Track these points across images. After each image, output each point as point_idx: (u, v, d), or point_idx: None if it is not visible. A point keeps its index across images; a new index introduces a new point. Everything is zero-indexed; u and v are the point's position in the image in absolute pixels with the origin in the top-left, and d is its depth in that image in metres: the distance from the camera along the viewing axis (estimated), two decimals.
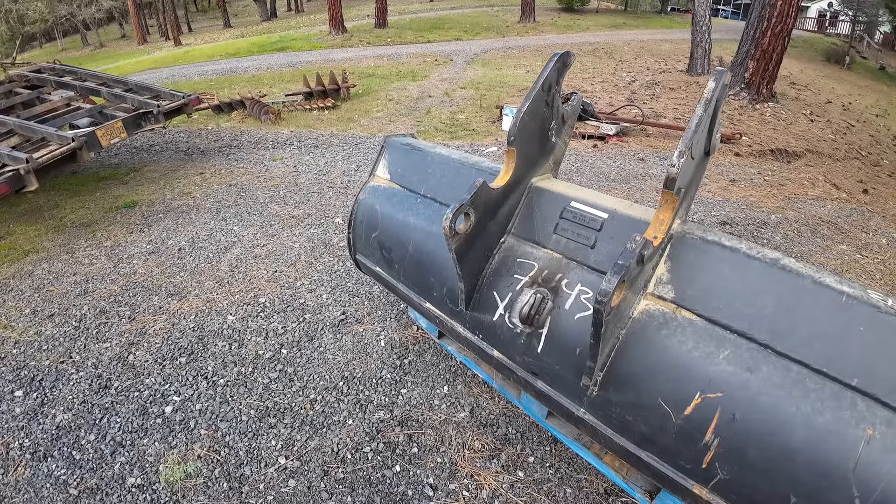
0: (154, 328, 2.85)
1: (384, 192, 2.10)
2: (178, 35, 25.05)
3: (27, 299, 3.22)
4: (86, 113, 5.14)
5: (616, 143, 6.32)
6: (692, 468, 1.16)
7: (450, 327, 1.80)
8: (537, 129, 1.67)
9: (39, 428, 2.21)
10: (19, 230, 4.29)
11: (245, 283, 3.27)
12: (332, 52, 15.25)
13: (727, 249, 1.24)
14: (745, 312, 1.13)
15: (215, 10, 38.11)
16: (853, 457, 0.94)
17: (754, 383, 1.07)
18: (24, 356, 2.68)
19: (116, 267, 3.55)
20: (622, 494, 1.85)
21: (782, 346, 1.07)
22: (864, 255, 3.54)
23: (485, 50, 14.79)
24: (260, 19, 31.04)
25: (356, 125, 7.18)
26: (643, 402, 1.22)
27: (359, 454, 2.04)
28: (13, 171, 3.67)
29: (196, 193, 4.85)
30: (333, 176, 5.15)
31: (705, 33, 10.34)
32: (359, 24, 21.21)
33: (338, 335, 2.74)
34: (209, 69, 13.77)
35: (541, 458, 2.00)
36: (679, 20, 25.84)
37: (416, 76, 10.84)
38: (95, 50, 29.15)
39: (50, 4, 30.18)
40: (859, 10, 23.26)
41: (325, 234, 3.87)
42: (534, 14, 21.49)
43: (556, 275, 1.50)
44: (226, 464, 2.01)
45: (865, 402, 0.96)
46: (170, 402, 2.33)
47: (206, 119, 7.78)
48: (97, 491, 1.92)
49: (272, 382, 2.42)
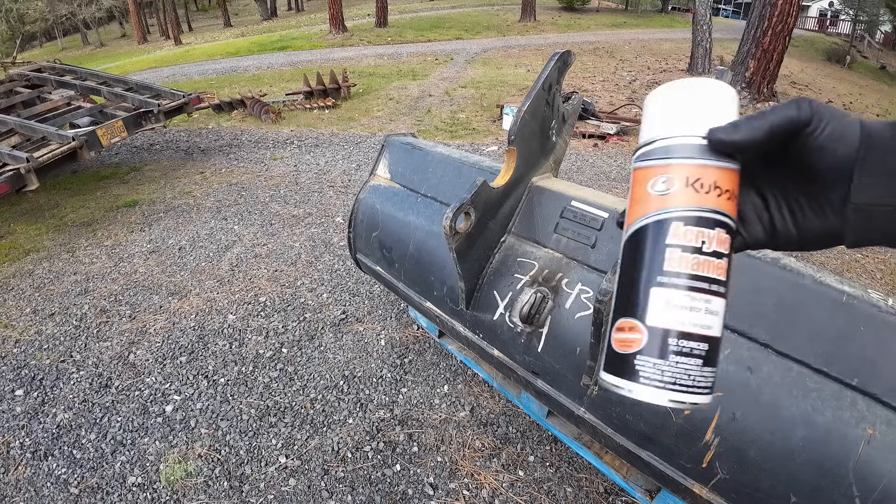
0: (155, 327, 2.85)
1: (385, 191, 2.10)
2: (178, 34, 25.04)
3: (28, 298, 3.22)
4: (86, 112, 5.14)
5: (616, 142, 6.32)
6: (692, 467, 1.16)
7: (450, 326, 1.80)
8: (538, 128, 1.67)
9: (40, 427, 2.22)
10: (20, 229, 4.29)
11: (245, 282, 3.27)
12: (332, 52, 15.25)
13: None
14: (745, 312, 1.13)
15: (215, 10, 38.09)
16: (853, 456, 0.94)
17: (755, 383, 1.07)
18: (25, 355, 2.68)
19: (117, 266, 3.56)
20: (622, 494, 1.85)
21: (783, 345, 1.07)
22: (864, 255, 3.54)
23: (485, 49, 14.78)
24: (260, 18, 31.03)
25: (356, 124, 7.18)
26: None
27: (359, 453, 2.04)
28: (14, 171, 3.68)
29: (196, 192, 4.85)
30: (334, 175, 5.15)
31: (706, 32, 10.33)
32: (359, 23, 21.20)
33: (338, 334, 2.74)
34: (209, 68, 13.77)
35: (541, 458, 2.00)
36: (680, 19, 25.82)
37: (417, 75, 10.84)
38: (96, 49, 29.14)
39: (50, 4, 30.18)
40: (860, 9, 23.24)
41: (325, 234, 3.87)
42: (534, 13, 21.47)
43: (557, 274, 1.50)
44: (226, 463, 2.01)
45: (866, 401, 0.96)
46: (170, 401, 2.33)
47: (207, 118, 7.78)
48: (98, 490, 1.92)
49: (273, 381, 2.42)
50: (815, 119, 0.36)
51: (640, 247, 0.38)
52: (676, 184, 0.37)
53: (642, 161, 0.40)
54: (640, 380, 0.36)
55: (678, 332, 0.36)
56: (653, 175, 0.39)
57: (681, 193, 0.37)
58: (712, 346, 0.37)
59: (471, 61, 12.77)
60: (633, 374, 0.37)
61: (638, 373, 0.36)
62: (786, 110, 0.36)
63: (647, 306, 0.37)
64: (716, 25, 12.29)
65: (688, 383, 0.36)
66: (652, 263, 0.37)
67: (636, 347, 0.37)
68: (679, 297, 0.36)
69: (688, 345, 0.36)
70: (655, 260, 0.37)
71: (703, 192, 0.37)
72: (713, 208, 0.37)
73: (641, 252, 0.38)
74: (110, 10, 34.01)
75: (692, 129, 0.38)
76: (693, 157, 0.38)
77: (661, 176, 0.38)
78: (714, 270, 0.37)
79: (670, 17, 27.18)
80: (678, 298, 0.36)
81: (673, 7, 31.63)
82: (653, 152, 0.39)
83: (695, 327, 0.36)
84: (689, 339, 0.36)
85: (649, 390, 0.36)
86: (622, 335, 0.38)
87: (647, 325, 0.37)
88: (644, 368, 0.36)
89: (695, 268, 0.36)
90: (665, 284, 0.36)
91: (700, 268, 0.36)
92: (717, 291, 0.37)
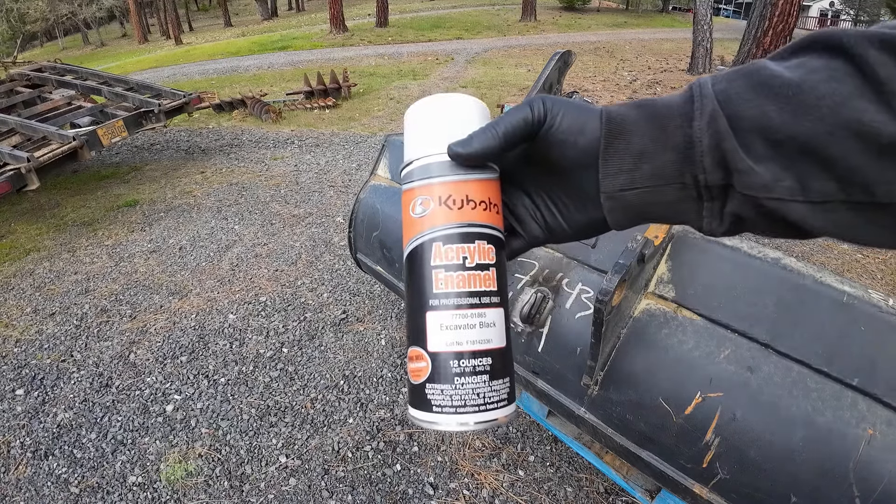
0: (155, 327, 2.85)
1: (385, 191, 2.10)
2: (178, 34, 25.05)
3: (28, 298, 3.22)
4: (87, 112, 5.14)
5: None
6: (693, 467, 1.16)
7: None
8: None
9: (41, 426, 2.22)
10: (20, 229, 4.29)
11: (246, 281, 3.27)
12: (332, 51, 15.25)
13: (728, 249, 1.24)
14: (745, 312, 1.13)
15: (216, 9, 38.11)
16: (854, 456, 0.94)
17: (755, 383, 1.07)
18: (26, 355, 2.68)
19: (117, 266, 3.56)
20: (623, 493, 1.85)
21: (783, 345, 1.07)
22: (865, 255, 3.53)
23: (486, 49, 14.78)
24: (261, 18, 31.03)
25: (357, 124, 7.18)
26: (644, 401, 1.22)
27: (359, 453, 2.04)
28: (14, 170, 3.68)
29: (197, 192, 4.85)
30: (334, 175, 5.15)
31: (707, 32, 10.33)
32: (360, 22, 21.21)
33: (338, 334, 2.74)
34: (210, 68, 13.77)
35: (541, 457, 2.00)
36: (680, 19, 25.81)
37: (417, 75, 10.84)
38: (96, 49, 29.16)
39: (51, 3, 30.20)
40: (861, 9, 23.23)
41: (325, 233, 3.87)
42: (535, 13, 21.48)
43: (557, 274, 1.50)
44: (227, 462, 2.01)
45: (866, 401, 0.96)
46: (171, 400, 2.33)
47: (207, 118, 7.78)
48: (98, 489, 1.92)
49: (273, 381, 2.42)
50: (549, 116, 0.36)
51: (412, 272, 0.38)
52: (432, 204, 0.37)
53: (405, 183, 0.40)
54: (433, 409, 0.35)
55: (454, 353, 0.35)
56: (412, 198, 0.38)
57: (436, 213, 0.37)
58: (496, 359, 0.36)
59: (471, 61, 12.77)
60: (427, 404, 0.35)
61: (430, 403, 0.35)
62: (518, 113, 0.36)
63: (425, 332, 0.36)
64: (716, 25, 12.29)
65: (478, 402, 0.35)
66: (423, 288, 0.37)
67: (424, 377, 0.36)
68: (450, 318, 0.35)
69: (468, 363, 0.35)
70: (425, 284, 0.36)
71: (457, 207, 0.36)
72: (469, 222, 0.36)
73: (414, 277, 0.38)
74: (111, 10, 34.04)
75: (439, 146, 0.38)
76: (443, 175, 0.37)
77: (419, 198, 0.38)
78: (482, 283, 0.36)
79: (671, 17, 27.18)
80: (449, 319, 0.35)
81: (674, 7, 31.64)
82: (410, 174, 0.39)
83: (471, 345, 0.35)
84: (467, 357, 0.35)
85: (442, 418, 0.35)
86: (413, 364, 0.37)
87: (428, 351, 0.36)
88: (434, 397, 0.35)
89: (460, 285, 0.36)
90: (436, 307, 0.36)
91: (466, 283, 0.36)
92: (489, 303, 0.36)
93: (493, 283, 0.37)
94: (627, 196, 0.35)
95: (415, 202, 0.38)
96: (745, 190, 0.31)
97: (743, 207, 0.32)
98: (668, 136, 0.33)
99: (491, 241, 0.37)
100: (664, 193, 0.34)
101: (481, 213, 0.37)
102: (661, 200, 0.35)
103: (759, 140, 0.30)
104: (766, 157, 0.30)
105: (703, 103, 0.32)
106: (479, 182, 0.37)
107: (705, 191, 0.33)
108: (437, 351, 0.35)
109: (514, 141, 0.36)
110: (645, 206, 0.35)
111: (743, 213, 0.33)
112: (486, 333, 0.36)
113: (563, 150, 0.36)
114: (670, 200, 0.34)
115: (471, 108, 0.39)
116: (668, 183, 0.34)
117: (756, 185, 0.30)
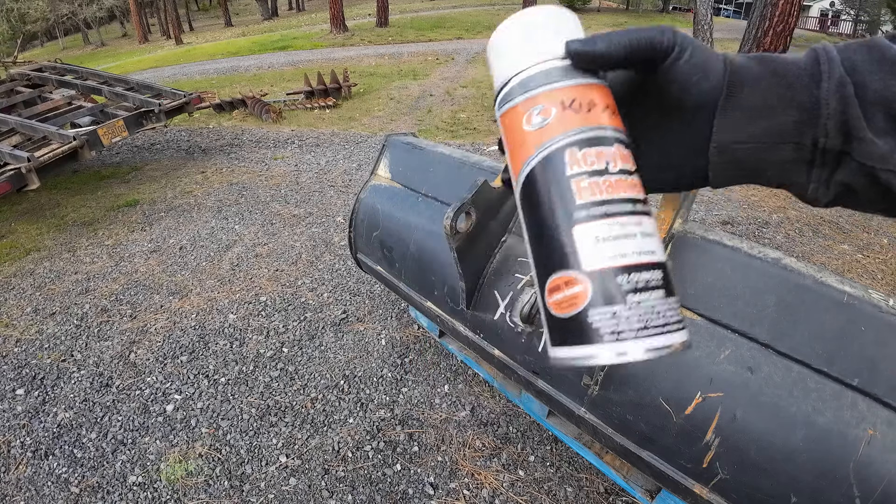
0: (155, 326, 2.85)
1: (385, 191, 2.10)
2: (179, 34, 25.06)
3: (28, 298, 3.23)
4: (87, 112, 5.15)
5: None
6: (693, 468, 1.16)
7: (451, 326, 1.80)
8: None
9: (41, 426, 2.22)
10: (21, 229, 4.30)
11: (246, 281, 3.27)
12: (333, 51, 15.25)
13: (728, 249, 1.24)
14: (746, 312, 1.13)
15: (216, 9, 38.12)
16: (854, 457, 0.94)
17: (755, 383, 1.07)
18: (26, 354, 2.68)
19: (118, 265, 3.56)
20: (623, 494, 1.85)
21: (783, 345, 1.07)
22: (865, 255, 3.53)
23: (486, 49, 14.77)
24: (261, 18, 31.05)
25: (357, 124, 7.18)
26: (644, 401, 1.22)
27: (360, 453, 2.04)
28: (15, 170, 3.68)
29: (197, 192, 4.86)
30: (334, 175, 5.15)
31: (707, 32, 10.32)
32: (360, 22, 21.21)
33: (339, 334, 2.74)
34: (210, 68, 13.78)
35: (541, 458, 2.00)
36: (681, 19, 25.81)
37: (418, 75, 10.84)
38: (97, 49, 29.18)
39: (51, 3, 30.22)
40: (861, 9, 23.22)
41: (326, 233, 3.87)
42: None
43: None
44: (227, 462, 2.01)
45: (866, 401, 0.96)
46: (171, 400, 2.33)
47: (208, 118, 7.79)
48: (98, 489, 1.92)
49: (273, 381, 2.42)
50: (678, 48, 0.33)
51: (539, 191, 0.33)
52: (554, 111, 0.33)
53: (506, 104, 0.35)
54: (603, 338, 0.29)
55: (625, 267, 0.30)
56: (523, 111, 0.34)
57: (562, 119, 0.32)
58: (666, 273, 0.31)
59: (472, 61, 12.76)
60: (591, 334, 0.30)
61: (597, 331, 0.29)
62: (648, 32, 0.33)
63: (576, 251, 0.30)
64: (717, 25, 12.28)
65: (659, 322, 0.30)
66: (561, 202, 0.31)
67: (583, 303, 0.30)
68: (606, 228, 0.30)
69: (641, 277, 0.30)
70: (564, 197, 0.31)
71: (585, 111, 0.32)
72: (601, 125, 0.33)
73: (543, 196, 0.32)
74: (111, 10, 34.05)
75: (547, 52, 0.34)
76: (559, 80, 0.33)
77: (535, 108, 0.33)
78: (630, 189, 0.32)
79: (671, 17, 27.18)
80: (606, 229, 0.30)
81: (674, 7, 31.64)
82: (514, 90, 0.35)
83: (640, 255, 0.30)
84: (639, 270, 0.30)
85: (618, 346, 0.29)
86: (560, 295, 0.31)
87: (585, 271, 0.30)
88: (602, 323, 0.29)
89: (609, 191, 0.31)
90: (586, 219, 0.31)
91: (616, 189, 0.31)
92: (644, 211, 0.32)
93: (640, 189, 0.33)
94: (738, 151, 0.34)
95: (530, 114, 0.33)
96: (862, 159, 0.31)
97: (855, 177, 0.32)
98: (793, 93, 0.32)
99: (628, 147, 0.33)
100: (778, 152, 0.34)
101: (611, 116, 0.33)
102: (772, 159, 0.34)
103: (882, 113, 0.30)
104: (886, 132, 0.30)
105: (830, 67, 0.32)
106: (601, 87, 0.34)
107: (820, 155, 0.33)
108: (597, 268, 0.30)
109: (636, 56, 0.33)
110: (754, 163, 0.34)
111: (854, 183, 0.33)
112: (648, 244, 0.31)
113: (684, 90, 0.34)
114: (782, 160, 0.34)
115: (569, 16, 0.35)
116: (785, 141, 0.33)
117: (875, 156, 0.31)
